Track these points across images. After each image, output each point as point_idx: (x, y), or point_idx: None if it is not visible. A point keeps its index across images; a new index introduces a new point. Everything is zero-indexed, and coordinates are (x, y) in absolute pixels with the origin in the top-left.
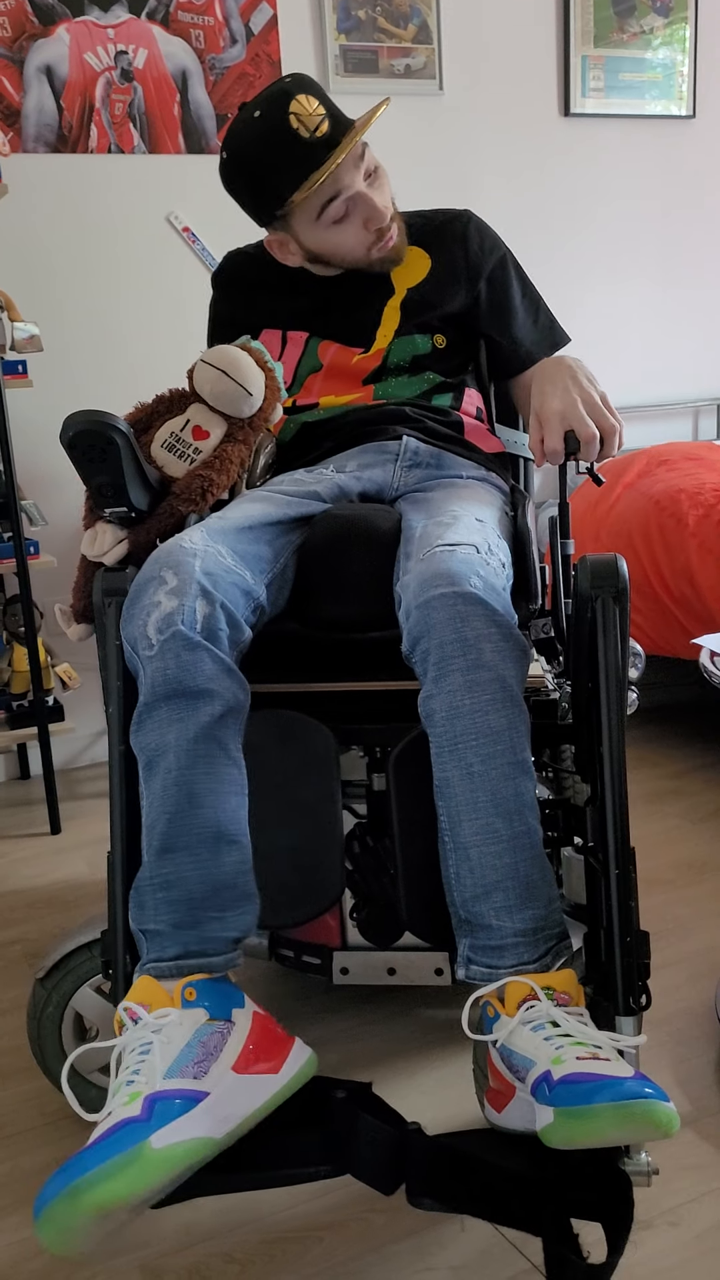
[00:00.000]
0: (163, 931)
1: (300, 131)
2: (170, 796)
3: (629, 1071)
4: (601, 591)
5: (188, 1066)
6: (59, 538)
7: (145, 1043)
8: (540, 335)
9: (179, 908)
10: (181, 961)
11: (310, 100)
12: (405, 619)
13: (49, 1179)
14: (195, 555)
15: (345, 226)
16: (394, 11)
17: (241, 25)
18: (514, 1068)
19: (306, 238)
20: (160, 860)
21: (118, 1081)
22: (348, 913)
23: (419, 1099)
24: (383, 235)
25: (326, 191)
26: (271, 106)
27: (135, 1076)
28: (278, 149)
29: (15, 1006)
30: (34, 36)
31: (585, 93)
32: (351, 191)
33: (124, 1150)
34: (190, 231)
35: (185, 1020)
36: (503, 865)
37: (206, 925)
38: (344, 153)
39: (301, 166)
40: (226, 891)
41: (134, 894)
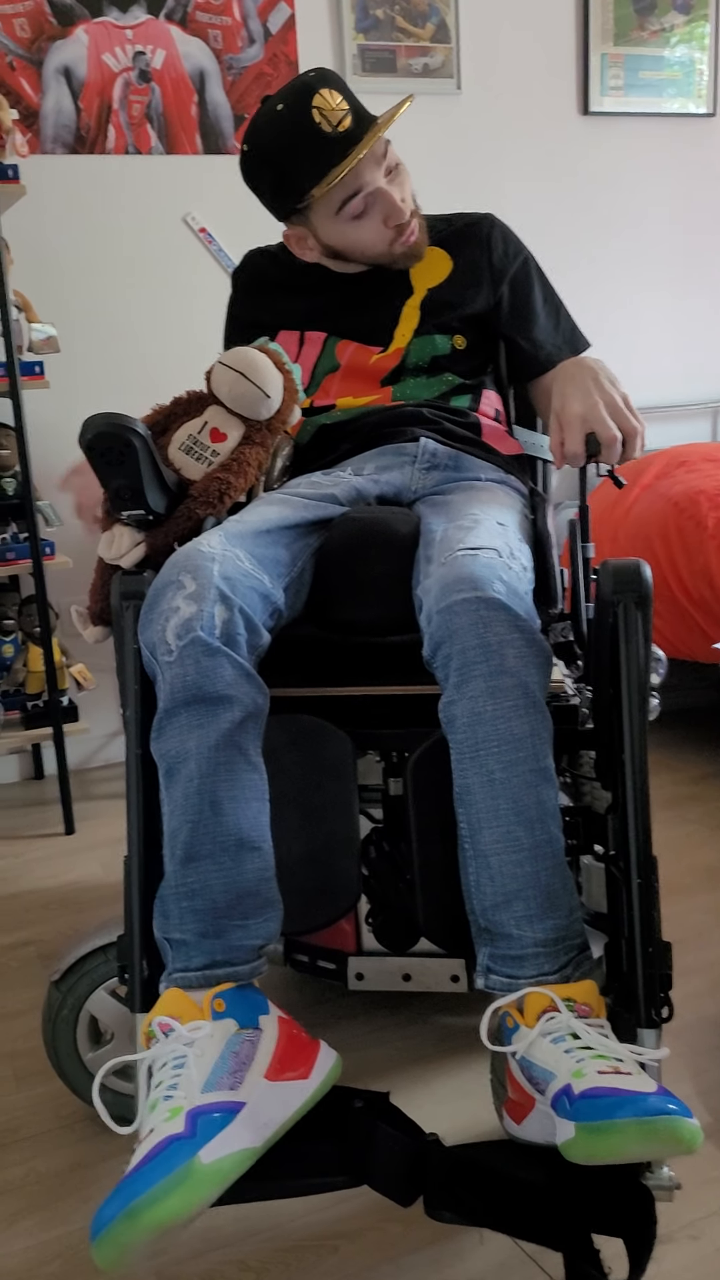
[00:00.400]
0: (188, 941)
1: (323, 126)
2: (192, 804)
3: (652, 1086)
4: (624, 596)
5: (223, 1078)
6: (75, 538)
7: (179, 1056)
8: (561, 339)
9: (204, 917)
10: (209, 971)
11: (334, 95)
12: (427, 624)
13: (105, 1202)
14: (213, 559)
15: (364, 222)
16: (412, 10)
17: (259, 25)
18: (534, 1080)
19: (325, 233)
20: (184, 869)
21: (154, 1096)
22: (363, 918)
23: (435, 1107)
24: (402, 231)
25: (347, 187)
26: (295, 100)
27: (173, 1092)
28: (300, 143)
29: (30, 1008)
30: (53, 38)
31: (604, 91)
32: (372, 188)
33: (175, 1168)
34: (207, 232)
35: (217, 1032)
36: (524, 874)
37: (231, 933)
38: (365, 148)
39: (323, 161)
40: (250, 899)
41: (158, 903)
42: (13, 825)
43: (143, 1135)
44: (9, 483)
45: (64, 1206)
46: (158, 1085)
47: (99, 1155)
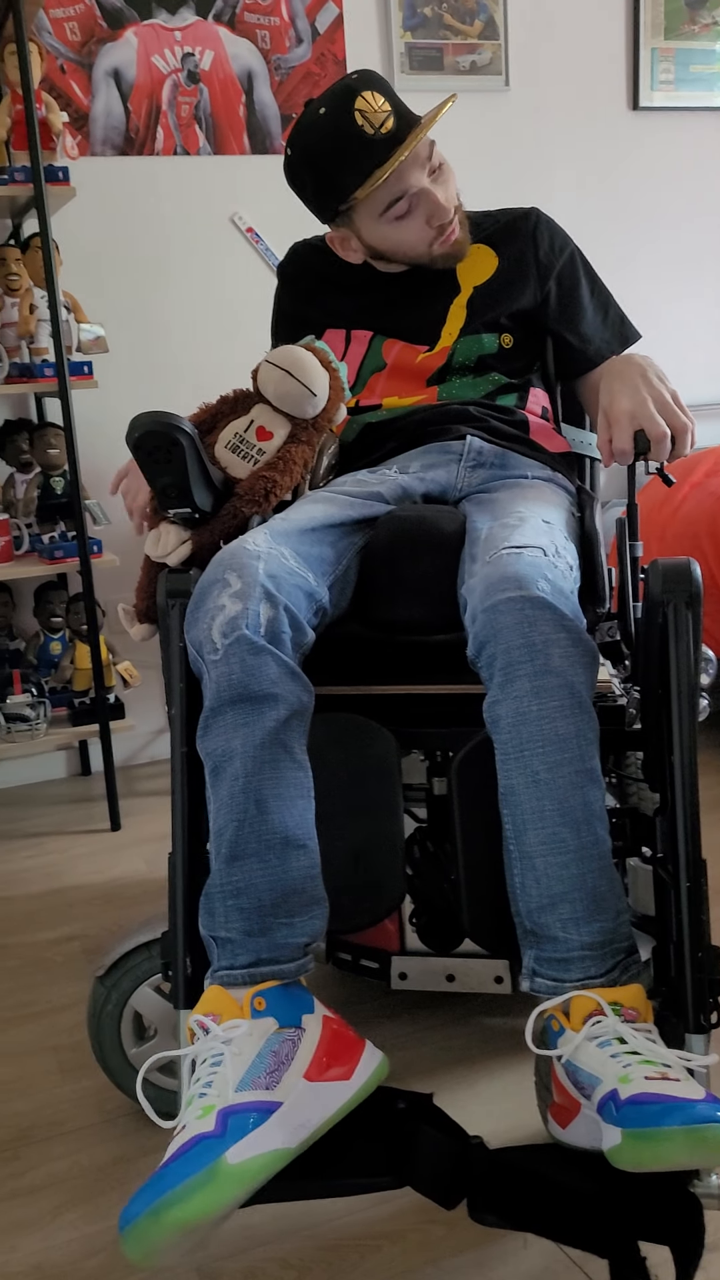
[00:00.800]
0: (234, 939)
1: (365, 128)
2: (238, 803)
3: (700, 1093)
4: (674, 596)
5: (259, 1078)
6: (122, 536)
7: (216, 1054)
8: (610, 333)
9: (249, 915)
10: (254, 969)
11: (376, 97)
12: (471, 623)
13: (132, 1198)
14: (259, 558)
15: (408, 222)
16: (460, 8)
17: (307, 25)
18: (579, 1084)
19: (369, 234)
20: (230, 867)
21: (190, 1093)
22: (407, 918)
23: (479, 1109)
24: (444, 231)
25: (391, 188)
26: (337, 103)
27: (207, 1089)
28: (343, 145)
29: (75, 1002)
30: (103, 40)
31: (655, 85)
32: (416, 188)
33: (201, 1168)
34: (254, 232)
35: (255, 1030)
36: (569, 876)
37: (277, 931)
38: (408, 150)
39: (366, 163)
40: (296, 897)
41: (204, 900)
42: (60, 821)
43: (176, 1132)
44: (57, 482)
45: (107, 1200)
46: (195, 1082)
47: (142, 1150)
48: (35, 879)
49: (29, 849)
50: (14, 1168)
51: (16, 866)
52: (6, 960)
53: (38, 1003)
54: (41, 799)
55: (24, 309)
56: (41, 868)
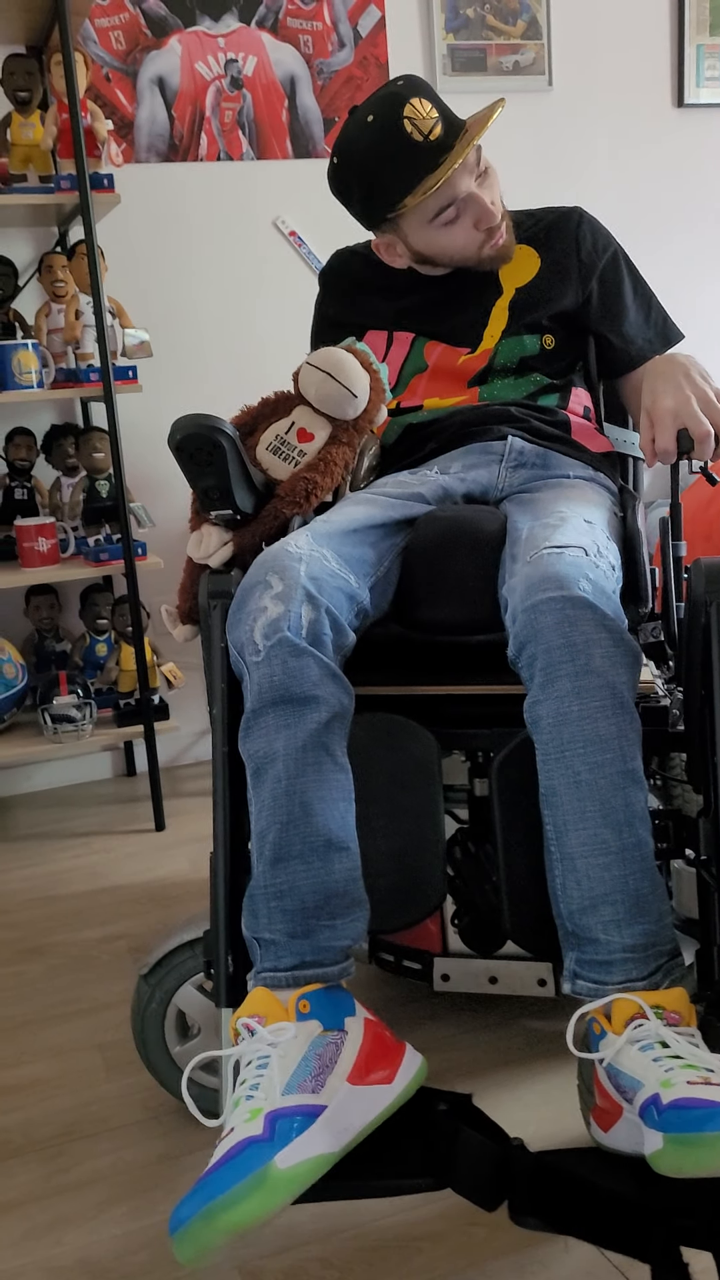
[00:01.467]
0: (278, 941)
1: (414, 135)
2: (281, 806)
3: None
4: (717, 596)
5: (305, 1081)
6: (166, 539)
7: (263, 1056)
8: (653, 332)
9: (293, 917)
10: (297, 972)
11: (423, 103)
12: (511, 623)
13: (183, 1200)
14: (300, 560)
15: (456, 227)
16: (503, 8)
17: (350, 28)
18: (621, 1088)
19: (416, 239)
20: (273, 869)
21: (237, 1094)
22: (449, 919)
23: (521, 1112)
24: (493, 234)
25: (442, 196)
26: (385, 110)
27: (254, 1092)
28: (392, 153)
29: (121, 1000)
30: (147, 49)
31: (700, 82)
32: (464, 194)
33: (251, 1172)
34: (297, 235)
35: (301, 1033)
36: (611, 878)
37: (320, 934)
38: (460, 158)
39: (416, 171)
40: (338, 899)
41: (247, 901)
42: (105, 821)
43: (224, 1133)
44: (103, 485)
45: (151, 1197)
46: (241, 1083)
47: (185, 1147)
48: (81, 878)
49: (75, 848)
50: (60, 1163)
51: (63, 866)
52: (53, 958)
53: (83, 1000)
54: (87, 799)
55: (70, 315)
56: (87, 867)
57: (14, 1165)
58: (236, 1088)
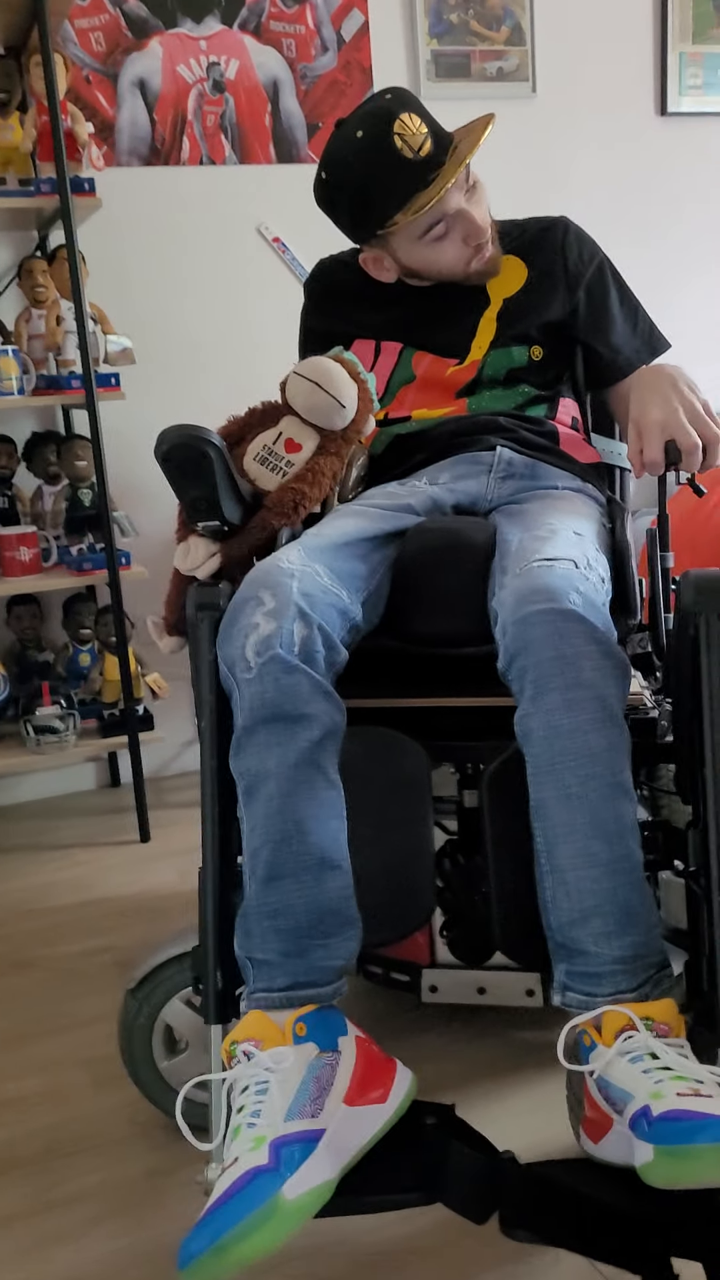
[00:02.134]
0: (271, 961)
1: (405, 152)
2: (274, 824)
3: None
4: (706, 608)
5: (305, 1105)
6: (150, 548)
7: (262, 1082)
8: (640, 342)
9: (286, 937)
10: (291, 993)
11: (413, 119)
12: (502, 635)
13: (192, 1233)
14: (292, 575)
15: (445, 243)
16: (486, 14)
17: (333, 33)
18: (611, 1100)
19: (404, 255)
20: (266, 888)
21: (237, 1121)
22: (437, 930)
23: (510, 1123)
24: (480, 250)
25: (433, 213)
26: (374, 126)
27: (256, 1119)
28: (383, 171)
29: (107, 1014)
30: (128, 50)
31: (683, 91)
32: (454, 210)
33: (261, 1204)
34: (280, 242)
35: (299, 1057)
36: (601, 890)
37: (313, 953)
38: (452, 177)
39: (408, 188)
40: (331, 918)
41: (240, 921)
42: (90, 833)
43: (226, 1161)
44: (85, 494)
45: (140, 1214)
46: (240, 1110)
47: (174, 1163)
48: (66, 891)
49: (59, 861)
50: (47, 1180)
51: (47, 879)
52: (38, 973)
53: (69, 1015)
54: (71, 811)
55: (51, 321)
56: (72, 880)
57: (1, 1183)
58: (235, 1114)
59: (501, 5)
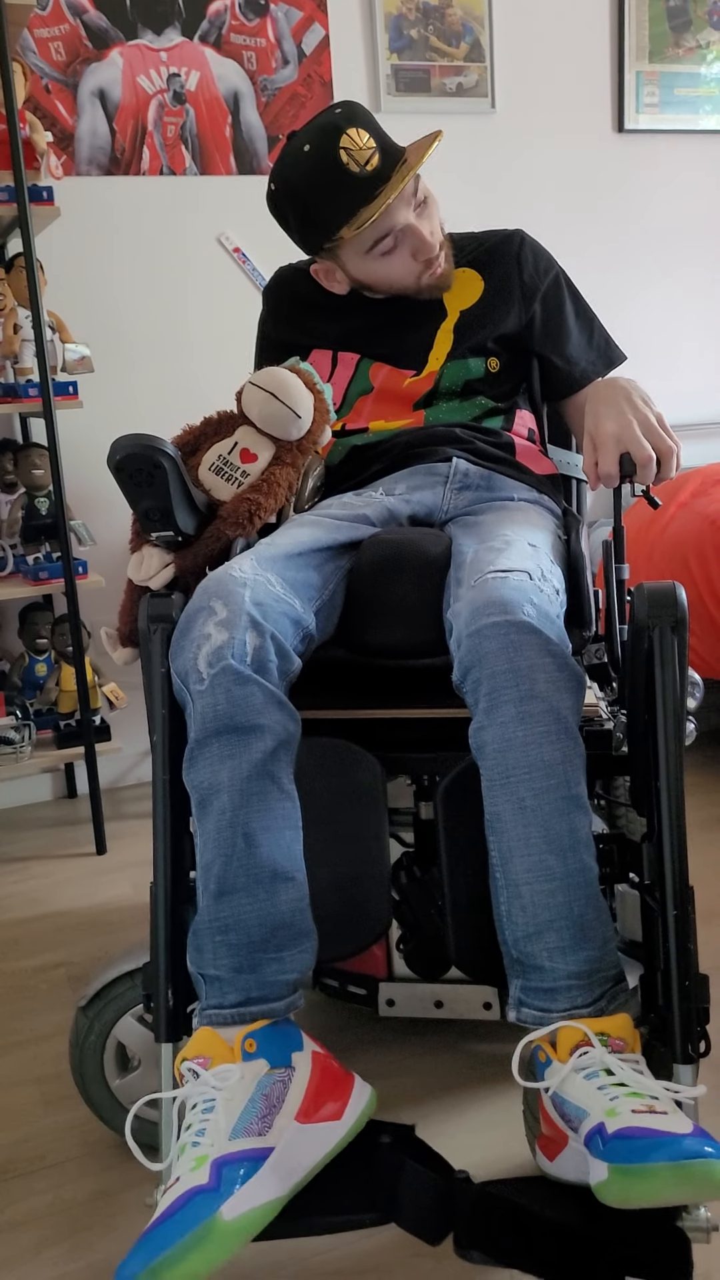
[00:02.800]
0: (222, 977)
1: (350, 166)
2: (225, 838)
3: (687, 1126)
4: (659, 621)
5: (252, 1123)
6: (107, 557)
7: (209, 1100)
8: (596, 354)
9: (238, 951)
10: (243, 1009)
11: (361, 134)
12: (456, 647)
13: (129, 1255)
14: (245, 585)
15: (394, 258)
16: (446, 30)
17: (293, 46)
18: (566, 1116)
19: (354, 268)
20: (218, 903)
21: (182, 1140)
22: (394, 943)
23: (466, 1138)
24: (430, 265)
25: (378, 227)
26: (321, 140)
27: (200, 1138)
28: (328, 185)
29: (59, 1031)
30: (88, 60)
31: (640, 108)
32: (402, 225)
33: (197, 1225)
34: (241, 252)
35: (247, 1074)
36: (556, 904)
37: (266, 967)
38: (395, 192)
39: (352, 203)
40: (284, 931)
41: (192, 937)
42: (44, 845)
43: (169, 1181)
44: (42, 502)
45: (89, 1236)
46: (186, 1128)
47: (125, 1183)
48: (19, 904)
49: (13, 873)
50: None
51: (0, 892)
52: None
53: (21, 1031)
54: (26, 822)
55: (8, 329)
56: (26, 892)
57: None
58: (182, 1133)
59: (461, 21)
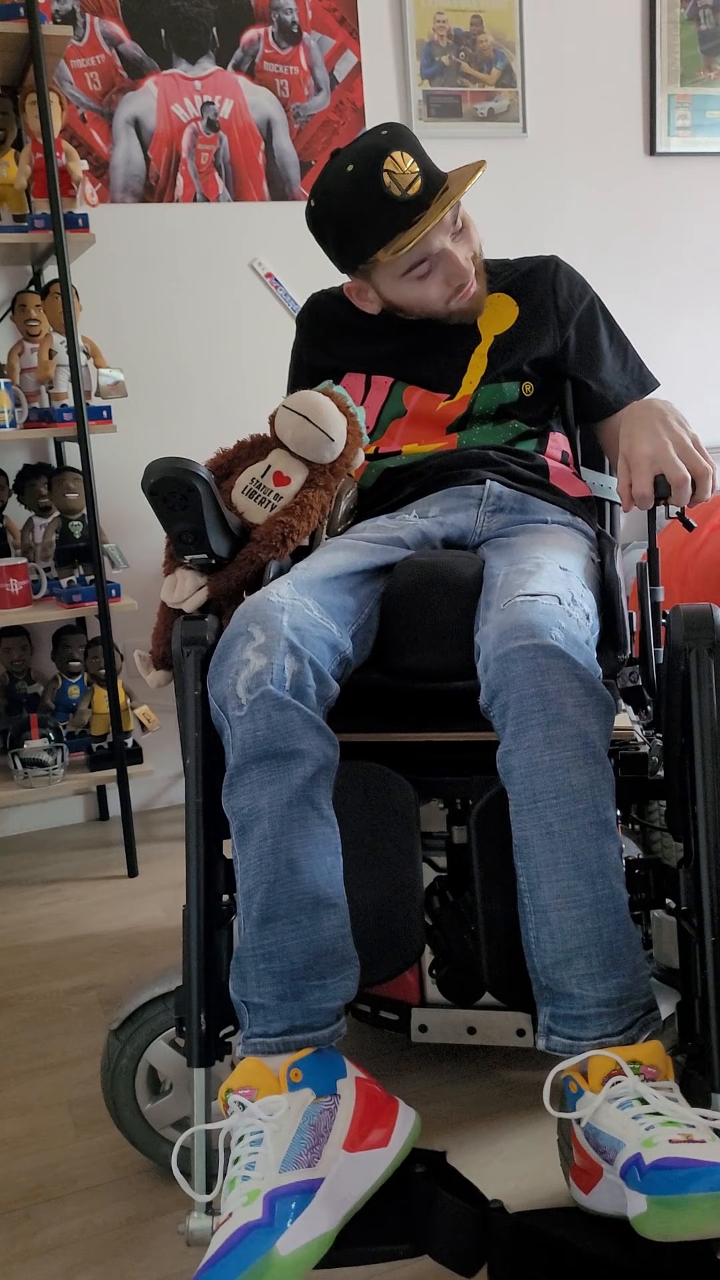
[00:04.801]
0: (266, 1005)
1: (392, 190)
2: (267, 865)
3: None
4: (696, 643)
5: (301, 1155)
6: (141, 580)
7: (256, 1132)
8: (629, 379)
9: (282, 979)
10: (287, 1037)
11: (405, 157)
12: (484, 671)
13: None
14: (282, 610)
15: (428, 282)
16: (478, 56)
17: (326, 74)
18: (600, 1148)
19: (386, 289)
20: (261, 930)
21: (232, 1174)
22: (427, 969)
23: (501, 1167)
24: (462, 290)
25: (415, 253)
26: (365, 161)
27: (250, 1172)
28: (368, 207)
29: (91, 1054)
30: (123, 90)
31: (671, 131)
32: (438, 250)
33: (254, 1261)
34: (273, 277)
35: (293, 1104)
36: (585, 930)
37: (310, 995)
38: (434, 221)
39: (391, 225)
40: (327, 958)
41: (235, 964)
42: (77, 867)
43: (221, 1217)
44: (76, 526)
45: (121, 1262)
46: (235, 1162)
47: (157, 1209)
48: (51, 926)
49: (45, 895)
50: (26, 1227)
51: (32, 914)
52: (21, 1011)
53: (52, 1054)
54: (58, 844)
55: (43, 354)
56: (58, 915)
57: None
58: (231, 1166)
59: (492, 48)
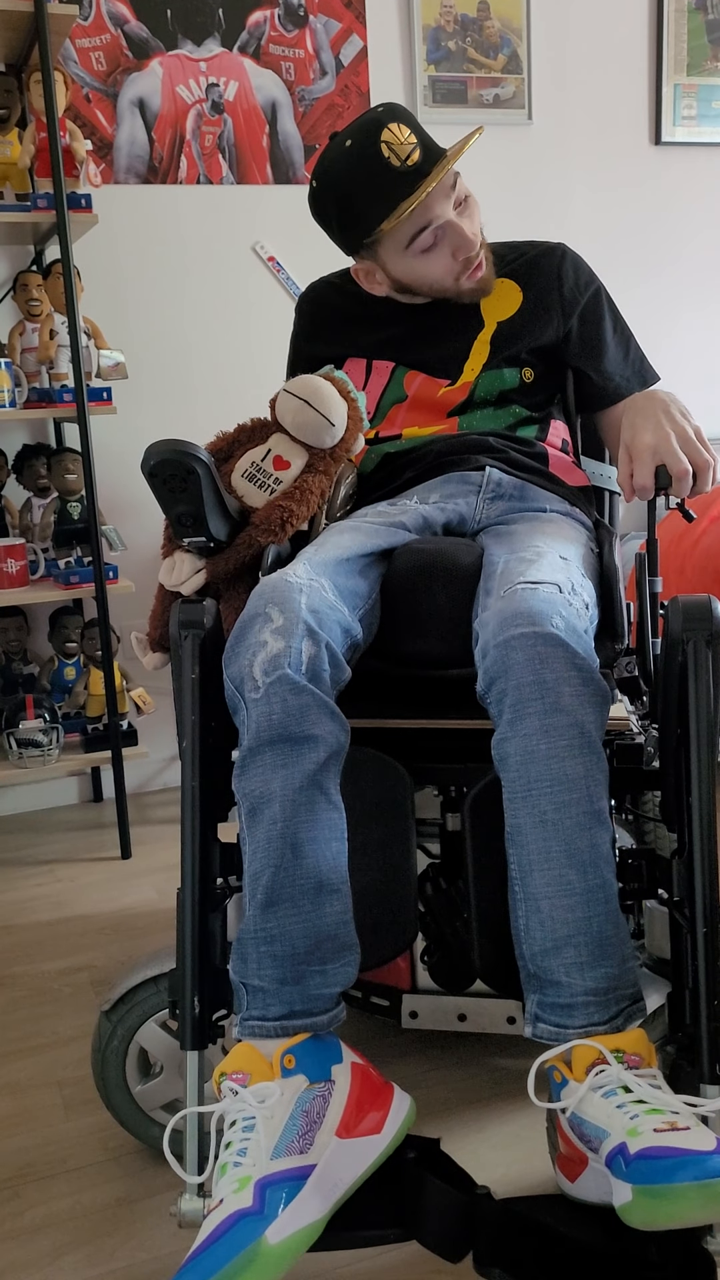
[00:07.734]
0: (266, 988)
1: (391, 160)
2: (275, 848)
3: (711, 1143)
4: (694, 634)
5: (293, 1142)
6: (138, 562)
7: (249, 1118)
8: (631, 371)
9: (283, 963)
10: (286, 1022)
11: (402, 129)
12: (482, 658)
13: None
14: (301, 591)
15: (433, 256)
16: (484, 42)
17: (331, 57)
18: (585, 1137)
19: (394, 267)
20: (264, 914)
21: (224, 1159)
22: (419, 955)
23: (489, 1154)
24: (470, 264)
25: (416, 221)
26: (363, 135)
27: (241, 1158)
28: (368, 177)
29: (82, 1035)
30: (128, 70)
31: (677, 121)
32: (441, 220)
33: (243, 1249)
34: (275, 261)
35: (286, 1090)
36: (575, 919)
37: (310, 980)
38: (434, 182)
39: (392, 195)
40: (328, 943)
41: (237, 945)
42: (70, 848)
43: (212, 1203)
44: (74, 507)
45: (109, 1242)
46: (227, 1147)
47: (146, 1190)
48: (44, 907)
49: (38, 876)
50: (14, 1206)
51: (25, 894)
52: (13, 990)
53: (43, 1034)
54: (52, 825)
55: (44, 334)
56: (51, 895)
57: None
58: (223, 1151)
59: (499, 33)
